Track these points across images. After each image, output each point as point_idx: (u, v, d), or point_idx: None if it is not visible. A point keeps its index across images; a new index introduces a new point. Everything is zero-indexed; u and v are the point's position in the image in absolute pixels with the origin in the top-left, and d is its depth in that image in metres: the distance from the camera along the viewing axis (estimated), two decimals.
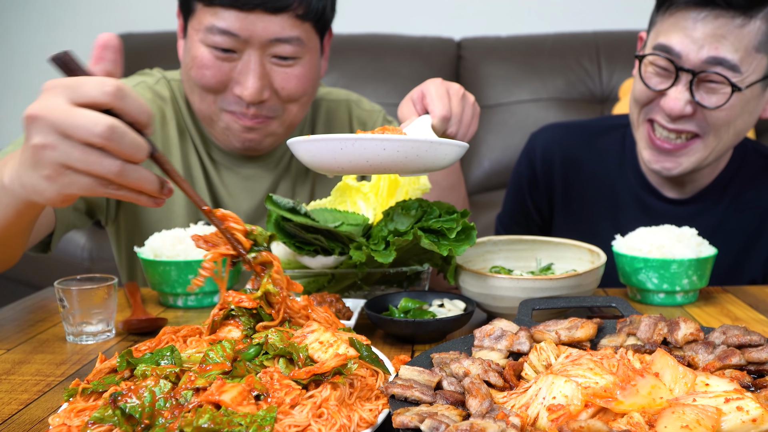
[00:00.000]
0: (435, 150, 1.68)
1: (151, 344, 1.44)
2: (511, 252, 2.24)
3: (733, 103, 2.31)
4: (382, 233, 1.90)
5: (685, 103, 2.31)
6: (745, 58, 2.26)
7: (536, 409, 1.23)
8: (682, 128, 2.37)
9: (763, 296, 2.21)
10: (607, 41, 5.28)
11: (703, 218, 2.62)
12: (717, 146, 2.41)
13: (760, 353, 1.43)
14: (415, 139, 1.66)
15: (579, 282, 1.91)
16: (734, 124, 2.37)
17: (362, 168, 1.67)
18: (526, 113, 5.15)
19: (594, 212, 2.78)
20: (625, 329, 1.59)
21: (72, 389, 1.29)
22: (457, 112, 1.98)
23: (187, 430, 1.07)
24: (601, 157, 2.80)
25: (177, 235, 2.13)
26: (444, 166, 1.75)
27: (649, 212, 2.67)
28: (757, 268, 2.62)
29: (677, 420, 1.14)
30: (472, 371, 1.39)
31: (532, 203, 2.92)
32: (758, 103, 2.40)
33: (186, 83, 2.46)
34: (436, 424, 1.15)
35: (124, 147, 1.40)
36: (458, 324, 1.83)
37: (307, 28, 2.38)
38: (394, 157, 1.64)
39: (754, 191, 2.63)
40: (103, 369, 1.36)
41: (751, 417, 1.16)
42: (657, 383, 1.26)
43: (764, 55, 2.30)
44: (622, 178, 2.74)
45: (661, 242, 2.10)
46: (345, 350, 1.31)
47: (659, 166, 2.47)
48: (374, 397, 1.35)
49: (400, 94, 5.01)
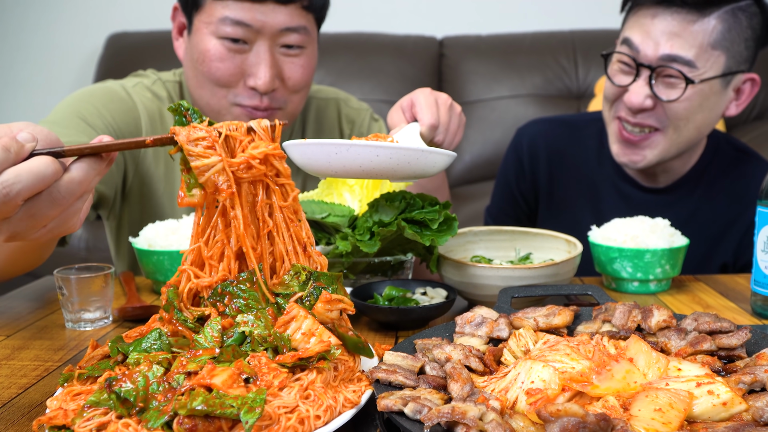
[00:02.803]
0: (425, 158, 1.69)
1: (142, 330, 1.43)
2: (491, 242, 2.24)
3: (689, 96, 2.35)
4: (367, 224, 1.90)
5: (644, 96, 2.37)
6: (701, 55, 2.31)
7: (515, 393, 1.23)
8: (644, 122, 2.43)
9: (733, 284, 2.22)
10: (583, 40, 5.29)
11: (679, 206, 2.66)
12: (678, 140, 2.45)
13: (730, 339, 1.43)
14: (407, 148, 1.66)
15: (556, 271, 1.92)
16: (693, 119, 2.41)
17: (355, 172, 1.67)
18: (506, 109, 5.16)
19: (576, 201, 2.82)
20: (601, 316, 1.60)
21: (67, 374, 1.29)
22: (444, 121, 2.00)
23: (181, 412, 1.07)
24: (583, 150, 2.84)
25: (170, 226, 2.13)
26: (432, 174, 1.76)
27: (627, 201, 2.71)
28: (729, 254, 2.65)
29: (651, 403, 1.14)
30: (453, 357, 1.39)
31: (519, 193, 2.96)
32: (719, 100, 2.43)
33: (194, 80, 2.43)
34: (419, 407, 1.15)
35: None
36: (440, 311, 1.83)
37: (310, 19, 2.40)
38: (386, 163, 1.65)
39: (727, 181, 2.65)
40: (96, 356, 1.36)
41: (721, 400, 1.16)
42: (631, 368, 1.26)
43: (721, 53, 2.33)
44: (602, 169, 2.77)
45: (635, 233, 2.11)
46: (327, 338, 1.31)
47: (626, 159, 2.52)
48: (356, 379, 1.36)
49: (384, 90, 5.05)
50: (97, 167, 1.30)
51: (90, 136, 2.27)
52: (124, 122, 2.42)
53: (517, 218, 2.99)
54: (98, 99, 2.39)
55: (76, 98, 2.40)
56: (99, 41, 5.38)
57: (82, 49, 5.51)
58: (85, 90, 2.45)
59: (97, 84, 2.51)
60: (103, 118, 2.34)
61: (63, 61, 5.51)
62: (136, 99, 2.47)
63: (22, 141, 1.23)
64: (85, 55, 5.51)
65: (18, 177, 1.20)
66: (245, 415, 1.08)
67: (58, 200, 1.26)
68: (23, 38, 5.54)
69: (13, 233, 1.27)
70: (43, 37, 5.53)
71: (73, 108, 2.34)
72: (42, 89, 5.51)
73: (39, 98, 5.49)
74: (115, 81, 2.54)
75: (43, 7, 5.50)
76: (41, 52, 5.54)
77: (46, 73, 5.51)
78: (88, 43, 5.49)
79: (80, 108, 2.34)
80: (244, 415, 1.08)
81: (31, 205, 1.24)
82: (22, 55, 5.57)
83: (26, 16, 5.50)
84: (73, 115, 2.31)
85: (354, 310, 1.40)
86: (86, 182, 1.29)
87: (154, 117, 2.52)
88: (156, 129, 2.52)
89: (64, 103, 2.38)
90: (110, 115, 2.37)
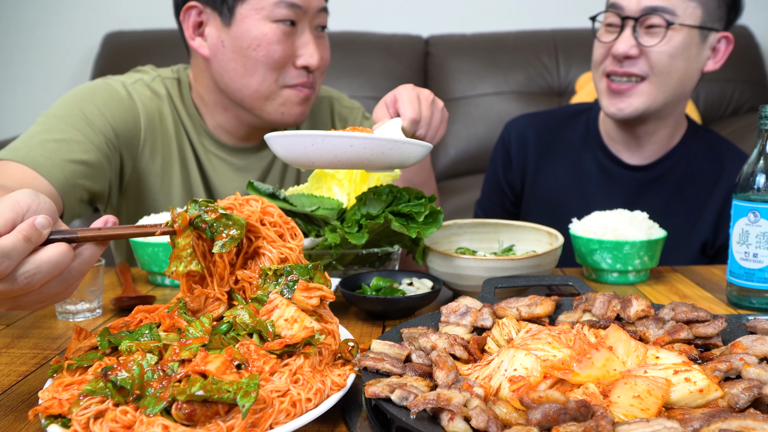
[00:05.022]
0: (399, 149, 1.70)
1: (128, 321, 1.43)
2: (475, 234, 2.24)
3: (670, 40, 2.47)
4: (355, 217, 1.90)
5: (630, 45, 2.49)
6: (679, 4, 2.45)
7: (498, 381, 1.23)
8: (629, 70, 2.53)
9: (709, 275, 2.22)
10: (565, 38, 5.30)
11: (660, 183, 2.72)
12: (662, 88, 2.54)
13: (706, 328, 1.43)
14: (380, 138, 1.68)
15: (538, 262, 1.92)
16: (675, 67, 2.52)
17: (331, 162, 1.69)
18: (489, 105, 5.16)
19: (561, 183, 2.87)
20: (581, 306, 1.60)
21: (56, 366, 1.29)
22: (426, 116, 2.01)
23: (180, 397, 1.08)
24: (570, 137, 2.91)
25: (164, 219, 2.12)
26: (409, 165, 1.76)
27: (611, 179, 2.76)
28: (708, 231, 2.70)
29: (629, 390, 1.14)
30: (438, 345, 1.38)
31: (505, 182, 3.01)
32: (698, 53, 2.55)
33: (240, 69, 2.41)
34: (406, 394, 1.15)
35: None
36: (426, 301, 1.83)
37: None
38: (361, 153, 1.67)
39: (705, 162, 2.72)
40: (83, 347, 1.36)
41: (698, 387, 1.16)
42: (611, 356, 1.26)
43: (697, 5, 2.47)
44: (587, 151, 2.84)
45: (615, 225, 2.11)
46: (310, 324, 1.31)
47: (614, 108, 2.59)
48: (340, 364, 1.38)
49: (372, 87, 5.04)
50: (103, 246, 1.33)
51: (89, 135, 2.26)
52: (122, 121, 2.41)
53: (503, 205, 3.05)
54: (100, 98, 2.37)
55: (79, 95, 2.38)
56: (96, 40, 5.35)
57: (79, 47, 5.48)
58: (88, 86, 2.44)
59: (99, 80, 2.49)
60: (103, 117, 2.33)
61: (60, 60, 5.48)
62: (136, 98, 2.46)
63: (40, 228, 1.23)
64: (82, 54, 5.48)
65: (39, 268, 1.21)
66: (241, 399, 1.09)
67: (68, 281, 1.29)
68: (21, 37, 5.50)
69: (16, 307, 1.28)
70: (41, 35, 5.50)
71: (77, 105, 2.32)
72: (40, 87, 5.47)
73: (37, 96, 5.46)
74: (116, 77, 2.53)
75: (41, 7, 5.47)
76: (39, 51, 5.51)
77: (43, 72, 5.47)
78: (85, 41, 5.46)
79: (83, 106, 2.32)
80: (240, 399, 1.09)
81: (43, 287, 1.26)
82: (20, 54, 5.54)
83: (24, 15, 5.47)
84: (75, 112, 2.30)
85: (333, 297, 1.41)
86: (93, 261, 1.32)
87: (153, 116, 2.51)
88: (155, 128, 2.50)
89: (67, 98, 2.37)
90: (110, 114, 2.36)
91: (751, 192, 1.85)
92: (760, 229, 1.84)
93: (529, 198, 2.94)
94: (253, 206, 1.49)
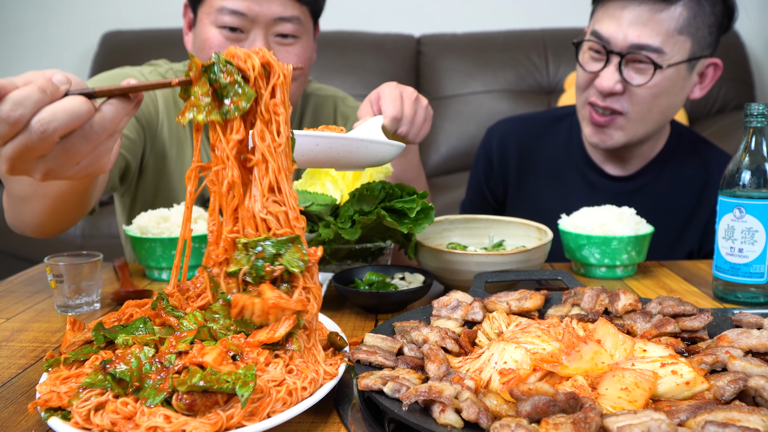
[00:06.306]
0: (366, 148, 1.68)
1: (119, 316, 1.42)
2: (466, 230, 2.24)
3: (657, 81, 2.37)
4: (348, 212, 1.89)
5: (615, 81, 2.39)
6: (668, 41, 2.33)
7: (489, 373, 1.23)
8: (612, 105, 2.44)
9: (696, 270, 2.22)
10: (554, 38, 5.31)
11: (644, 194, 2.66)
12: (644, 122, 2.47)
13: (692, 322, 1.43)
14: (346, 137, 1.66)
15: (528, 257, 1.92)
16: (659, 103, 2.43)
17: (299, 161, 1.67)
18: (480, 103, 5.17)
19: (543, 191, 2.81)
20: (570, 300, 1.60)
21: (51, 360, 1.29)
22: (408, 114, 1.97)
23: (181, 388, 1.09)
24: (552, 144, 2.84)
25: (162, 215, 2.12)
26: (378, 164, 1.75)
27: (594, 189, 2.71)
28: (695, 241, 2.65)
29: (617, 383, 1.14)
30: (430, 338, 1.38)
31: (488, 190, 2.97)
32: (684, 84, 2.46)
33: None
34: (398, 386, 1.15)
35: None
36: (418, 295, 1.82)
37: (305, 11, 2.44)
38: (327, 152, 1.65)
39: (689, 169, 2.66)
40: (77, 341, 1.35)
41: (684, 380, 1.17)
42: (599, 349, 1.26)
43: (687, 38, 2.35)
44: (570, 160, 2.78)
45: (603, 221, 2.11)
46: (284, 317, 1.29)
47: (597, 139, 2.53)
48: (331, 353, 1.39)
49: (364, 86, 5.05)
50: (126, 107, 1.32)
51: None
52: (144, 105, 2.49)
53: (486, 212, 3.01)
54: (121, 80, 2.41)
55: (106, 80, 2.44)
56: (94, 39, 5.35)
57: (77, 47, 5.48)
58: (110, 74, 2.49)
59: (116, 70, 2.55)
60: None
61: (59, 59, 5.47)
62: None
63: (57, 83, 1.24)
64: (80, 53, 5.47)
65: (54, 115, 1.21)
66: (240, 389, 1.10)
67: (91, 136, 1.28)
68: (20, 37, 5.49)
69: (49, 170, 1.29)
70: (40, 35, 5.49)
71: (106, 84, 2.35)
72: None
73: None
74: (133, 68, 2.60)
75: (40, 6, 5.46)
76: (38, 51, 5.50)
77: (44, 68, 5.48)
78: (83, 41, 5.45)
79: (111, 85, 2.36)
80: (239, 389, 1.10)
81: (65, 141, 1.26)
82: (18, 54, 5.53)
83: (23, 15, 5.46)
84: None
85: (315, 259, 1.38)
86: (116, 120, 1.31)
87: (170, 103, 2.58)
88: (171, 114, 2.57)
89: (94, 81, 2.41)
90: None
91: (737, 188, 1.85)
92: (745, 224, 1.85)
93: (512, 208, 2.90)
94: None
